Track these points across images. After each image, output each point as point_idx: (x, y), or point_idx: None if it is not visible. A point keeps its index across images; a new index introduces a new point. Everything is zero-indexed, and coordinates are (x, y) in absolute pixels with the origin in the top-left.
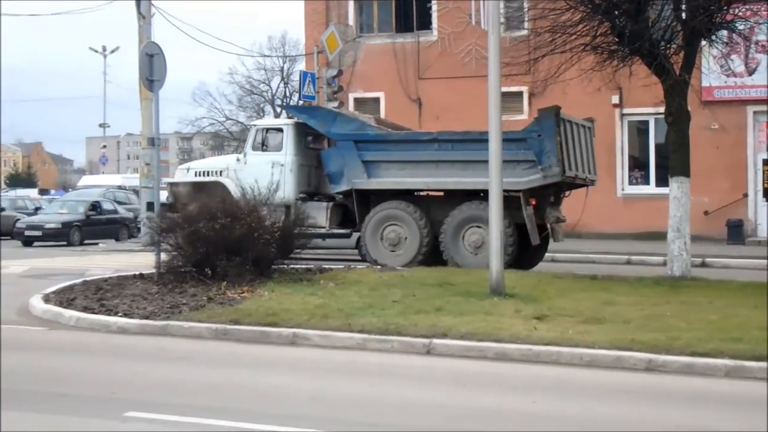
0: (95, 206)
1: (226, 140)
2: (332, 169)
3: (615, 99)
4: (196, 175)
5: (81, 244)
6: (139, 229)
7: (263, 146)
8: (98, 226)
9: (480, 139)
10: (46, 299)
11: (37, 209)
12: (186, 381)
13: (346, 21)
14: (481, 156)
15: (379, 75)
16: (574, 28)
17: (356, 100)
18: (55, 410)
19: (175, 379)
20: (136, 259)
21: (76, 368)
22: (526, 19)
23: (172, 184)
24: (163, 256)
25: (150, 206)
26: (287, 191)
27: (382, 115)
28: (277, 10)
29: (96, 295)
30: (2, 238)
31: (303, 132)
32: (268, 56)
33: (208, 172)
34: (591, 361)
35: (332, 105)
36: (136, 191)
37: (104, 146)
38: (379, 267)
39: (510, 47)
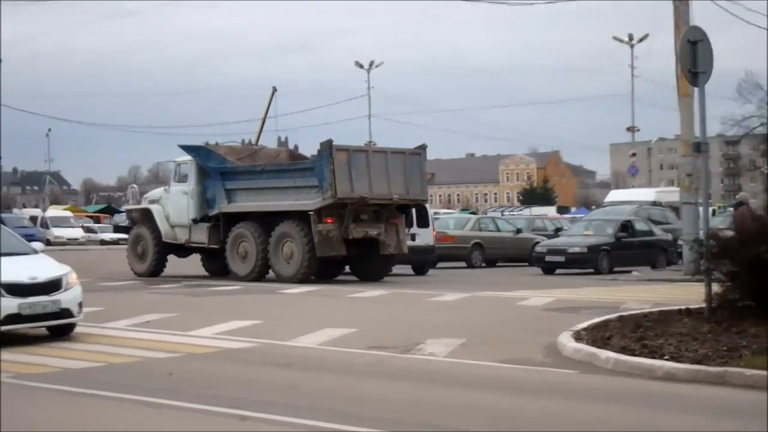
0: (626, 227)
1: None
2: (209, 196)
3: None
4: (149, 203)
5: (610, 271)
6: (679, 254)
7: (179, 179)
8: (630, 250)
9: (289, 169)
10: (577, 337)
11: (557, 230)
12: None
13: None
14: (290, 183)
15: None
16: None
17: None
18: None
19: None
20: (677, 291)
21: (611, 418)
22: None
23: (128, 210)
24: (715, 288)
25: None
26: (189, 214)
27: None
28: None
29: (635, 334)
30: (519, 263)
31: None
32: None
33: (152, 201)
34: None
35: None
36: (674, 208)
37: (633, 154)
38: None
39: None
